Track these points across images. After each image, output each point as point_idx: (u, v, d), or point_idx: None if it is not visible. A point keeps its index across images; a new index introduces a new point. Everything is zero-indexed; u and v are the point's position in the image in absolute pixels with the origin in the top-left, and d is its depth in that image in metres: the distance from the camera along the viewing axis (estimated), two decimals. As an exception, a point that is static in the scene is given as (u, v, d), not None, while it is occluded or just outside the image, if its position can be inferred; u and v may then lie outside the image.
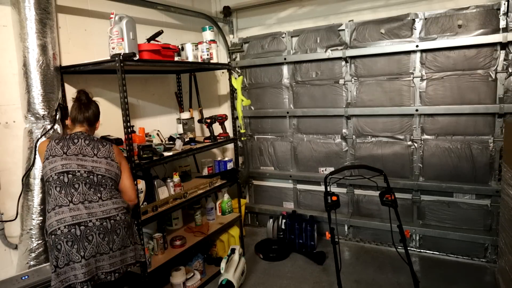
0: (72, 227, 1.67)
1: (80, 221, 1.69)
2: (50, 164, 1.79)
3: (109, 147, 1.95)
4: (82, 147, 1.87)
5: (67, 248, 1.64)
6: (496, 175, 2.95)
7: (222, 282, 2.67)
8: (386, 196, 2.51)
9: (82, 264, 1.64)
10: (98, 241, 1.71)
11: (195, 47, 2.91)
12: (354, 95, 3.42)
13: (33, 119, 2.12)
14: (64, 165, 1.78)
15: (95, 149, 1.89)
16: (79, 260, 1.64)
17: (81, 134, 1.91)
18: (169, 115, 3.36)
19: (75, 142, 1.87)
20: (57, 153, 1.81)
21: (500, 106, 2.83)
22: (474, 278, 2.82)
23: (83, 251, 1.66)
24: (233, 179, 3.26)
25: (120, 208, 1.85)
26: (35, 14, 2.06)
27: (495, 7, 2.79)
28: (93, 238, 1.69)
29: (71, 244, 1.65)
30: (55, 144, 1.84)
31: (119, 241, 1.78)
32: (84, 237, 1.67)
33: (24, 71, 2.09)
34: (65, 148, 1.83)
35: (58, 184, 1.75)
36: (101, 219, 1.74)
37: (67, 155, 1.82)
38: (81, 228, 1.68)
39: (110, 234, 1.75)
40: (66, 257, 1.64)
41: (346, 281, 2.82)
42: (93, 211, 1.74)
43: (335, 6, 3.44)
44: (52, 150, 1.82)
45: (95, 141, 1.92)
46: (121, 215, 1.83)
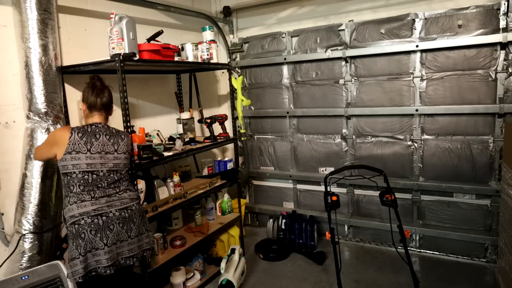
0: (95, 218, 1.80)
1: (101, 212, 1.82)
2: (73, 160, 1.80)
3: (127, 140, 2.01)
4: (104, 144, 1.89)
5: (90, 237, 1.77)
6: (496, 175, 2.95)
7: (222, 282, 2.67)
8: (386, 196, 2.51)
9: (105, 251, 1.79)
10: (118, 229, 1.85)
11: (195, 47, 2.91)
12: (354, 95, 3.42)
13: (36, 118, 2.12)
14: (89, 165, 1.83)
15: (116, 144, 1.93)
16: (103, 247, 1.79)
17: (102, 127, 1.92)
18: (169, 115, 3.36)
19: (97, 137, 1.87)
20: (81, 150, 1.82)
21: (500, 106, 2.84)
22: (474, 278, 2.82)
23: (106, 239, 1.80)
24: (233, 179, 3.26)
25: (135, 198, 1.98)
26: (37, 15, 2.06)
27: (495, 7, 2.79)
28: (114, 227, 1.84)
29: (94, 232, 1.78)
30: (79, 139, 1.82)
31: (135, 228, 1.93)
32: (106, 226, 1.81)
33: (27, 71, 2.09)
34: (89, 144, 1.84)
35: (82, 183, 1.83)
36: (119, 209, 1.88)
37: (91, 153, 1.84)
38: (103, 218, 1.82)
39: (128, 223, 1.90)
40: (89, 244, 1.77)
41: (346, 281, 2.82)
42: (113, 203, 1.87)
43: (335, 6, 3.44)
44: (76, 145, 1.81)
45: (114, 135, 1.95)
46: (136, 205, 1.97)
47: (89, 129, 1.88)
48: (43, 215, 2.11)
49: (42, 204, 2.10)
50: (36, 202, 2.09)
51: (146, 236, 2.00)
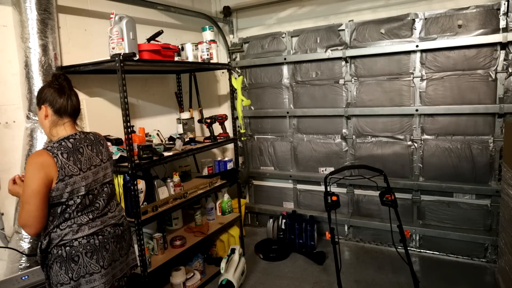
0: (91, 237, 1.57)
1: (97, 231, 1.60)
2: (67, 186, 1.51)
3: (105, 143, 1.79)
4: (90, 157, 1.63)
5: (86, 260, 1.55)
6: (496, 175, 2.95)
7: (222, 282, 2.67)
8: (386, 196, 2.51)
9: (102, 274, 1.58)
10: (113, 248, 1.66)
11: (195, 47, 2.91)
12: (354, 95, 3.42)
13: (36, 119, 2.12)
14: (86, 186, 1.57)
15: (99, 153, 1.69)
16: (99, 271, 1.57)
17: (79, 138, 1.62)
18: (169, 115, 3.36)
19: (81, 152, 1.59)
20: (74, 172, 1.53)
21: (500, 106, 2.84)
22: (474, 278, 2.82)
23: (102, 261, 1.59)
24: (233, 179, 3.26)
25: (122, 213, 1.81)
26: (37, 15, 2.06)
27: (495, 7, 2.79)
28: (109, 246, 1.64)
29: (90, 255, 1.56)
30: (66, 160, 1.51)
31: (126, 246, 1.77)
32: (102, 246, 1.60)
33: (26, 71, 2.10)
34: (78, 163, 1.56)
35: (80, 208, 1.56)
36: (113, 226, 1.69)
37: (83, 171, 1.57)
38: (99, 237, 1.60)
39: (120, 241, 1.72)
40: (83, 269, 1.54)
41: (346, 281, 2.82)
42: (105, 219, 1.66)
43: (335, 6, 3.44)
44: (66, 169, 1.51)
45: (94, 142, 1.68)
46: (124, 220, 1.80)
47: (69, 144, 1.56)
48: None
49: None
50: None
51: (132, 252, 1.84)
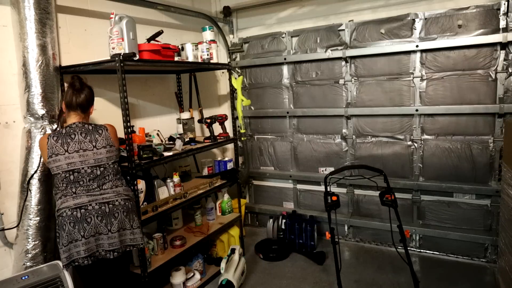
0: (74, 210, 1.86)
1: (80, 206, 1.88)
2: (54, 162, 1.89)
3: (105, 133, 2.02)
4: (81, 142, 1.93)
5: (70, 228, 1.85)
6: (496, 175, 2.95)
7: (222, 282, 2.67)
8: (386, 196, 2.51)
9: (82, 242, 1.85)
10: (96, 222, 1.90)
11: (195, 47, 2.91)
12: (354, 95, 3.42)
13: (32, 119, 2.12)
14: (69, 164, 1.90)
15: (93, 141, 1.96)
16: (80, 239, 1.85)
17: (76, 127, 1.96)
18: (169, 115, 3.36)
19: (72, 137, 1.93)
20: (59, 152, 1.89)
21: (500, 106, 2.83)
22: (474, 278, 2.82)
23: (83, 231, 1.86)
24: (233, 179, 3.26)
25: (122, 195, 2.00)
26: (35, 14, 2.06)
27: (495, 7, 2.79)
28: (92, 220, 1.89)
29: (73, 225, 1.85)
30: (54, 142, 1.90)
31: (117, 223, 1.94)
32: (83, 219, 1.87)
33: (24, 71, 2.09)
34: (65, 145, 1.90)
35: (65, 181, 1.90)
36: (100, 203, 1.92)
37: (69, 152, 1.90)
38: (82, 211, 1.87)
39: (108, 217, 1.92)
40: (69, 236, 1.84)
41: (346, 281, 2.82)
42: (94, 198, 1.92)
43: (335, 6, 3.44)
44: (54, 148, 1.89)
45: (90, 131, 1.97)
46: (120, 200, 1.98)
47: (63, 131, 1.94)
48: (45, 214, 2.11)
49: (44, 204, 2.10)
50: (36, 202, 2.09)
51: (131, 232, 2.01)
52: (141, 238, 2.05)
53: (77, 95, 1.97)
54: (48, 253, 2.13)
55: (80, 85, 2.00)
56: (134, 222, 2.03)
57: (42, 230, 2.10)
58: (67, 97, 1.98)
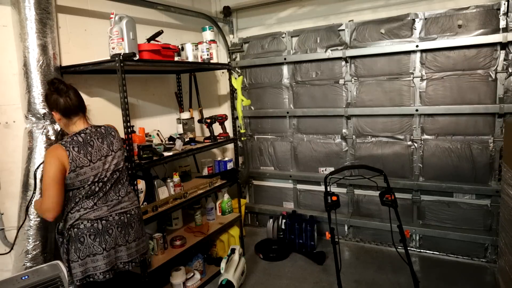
0: (94, 222, 1.78)
1: (101, 217, 1.80)
2: (79, 176, 1.73)
3: (117, 135, 1.96)
4: (100, 148, 1.83)
5: (89, 241, 1.76)
6: (496, 175, 2.95)
7: (222, 282, 2.67)
8: (386, 196, 2.51)
9: (104, 256, 1.78)
10: (117, 234, 1.84)
11: (195, 47, 2.91)
12: (354, 95, 3.42)
13: (33, 119, 2.12)
14: (95, 176, 1.79)
15: (110, 144, 1.88)
16: (101, 252, 1.78)
17: (91, 132, 1.83)
18: (169, 115, 3.36)
19: (92, 144, 1.80)
20: (84, 163, 1.75)
21: (500, 106, 2.83)
22: (474, 278, 2.82)
23: (105, 244, 1.79)
24: (233, 179, 3.26)
25: (134, 203, 1.98)
26: (35, 14, 2.06)
27: (495, 7, 2.79)
28: (113, 231, 1.82)
29: (93, 237, 1.76)
30: (77, 153, 1.73)
31: (134, 233, 1.92)
32: (105, 231, 1.80)
33: (25, 71, 2.09)
34: (88, 155, 1.77)
35: (89, 194, 1.79)
36: (119, 213, 1.87)
37: (93, 162, 1.79)
38: (103, 222, 1.80)
39: (126, 228, 1.88)
40: (88, 249, 1.75)
41: (346, 281, 2.82)
42: (114, 208, 1.86)
43: (335, 6, 3.44)
44: (77, 161, 1.73)
45: (105, 134, 1.88)
46: (135, 209, 1.96)
47: (80, 139, 1.77)
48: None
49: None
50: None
51: (143, 240, 2.00)
52: (147, 245, 2.06)
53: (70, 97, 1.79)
54: (48, 254, 2.13)
55: (65, 86, 1.81)
56: (143, 230, 2.02)
57: (42, 230, 2.09)
58: (60, 104, 1.77)
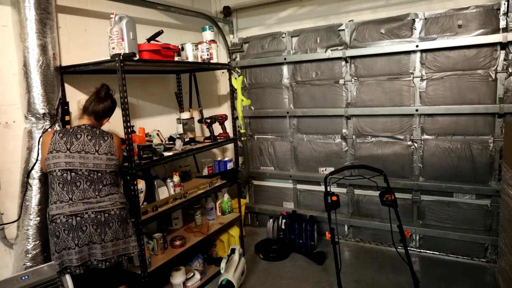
0: (69, 218, 1.85)
1: (77, 213, 1.86)
2: (53, 158, 1.88)
3: (110, 141, 2.02)
4: (85, 143, 1.93)
5: (64, 236, 1.84)
6: (496, 175, 2.95)
7: (222, 282, 2.67)
8: (386, 196, 2.51)
9: (76, 251, 1.84)
10: (91, 231, 1.88)
11: (195, 47, 2.91)
12: (354, 95, 3.42)
13: (33, 119, 2.12)
14: (67, 163, 1.88)
15: (97, 145, 1.96)
16: (74, 247, 1.84)
17: (85, 128, 1.96)
18: (169, 115, 3.36)
19: (78, 137, 1.92)
20: (61, 149, 1.88)
21: (500, 106, 2.83)
22: (474, 278, 2.82)
23: (77, 240, 1.85)
24: (233, 179, 3.26)
25: (116, 203, 1.98)
26: (35, 14, 2.06)
27: (495, 7, 2.79)
28: (87, 228, 1.87)
29: (67, 232, 1.84)
30: (59, 139, 1.90)
31: (111, 233, 1.93)
32: (79, 227, 1.85)
33: (24, 71, 2.09)
34: (68, 144, 1.90)
35: (61, 181, 1.88)
36: (96, 212, 1.90)
37: (71, 152, 1.89)
38: (77, 219, 1.86)
39: (102, 226, 1.91)
40: (63, 243, 1.84)
41: (346, 281, 2.82)
42: (90, 206, 1.90)
43: (335, 6, 3.44)
44: (56, 144, 1.89)
45: (97, 135, 1.98)
46: (116, 210, 1.97)
47: (71, 130, 1.95)
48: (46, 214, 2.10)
49: (44, 204, 2.10)
50: (37, 202, 2.09)
51: (124, 242, 1.99)
52: (133, 246, 2.04)
53: (96, 103, 2.01)
54: (48, 253, 2.12)
55: (105, 95, 2.04)
56: (126, 231, 2.02)
57: (42, 230, 2.09)
58: (87, 102, 2.02)
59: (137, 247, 2.07)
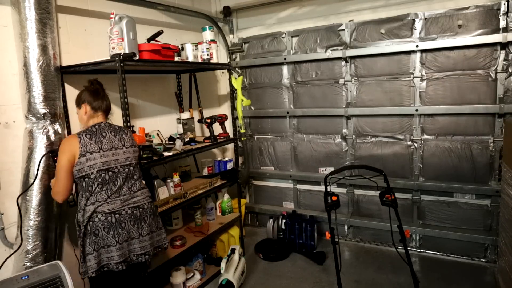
0: (108, 215, 1.85)
1: (115, 211, 1.87)
2: (88, 161, 1.85)
3: (130, 134, 2.07)
4: (112, 140, 1.95)
5: (103, 234, 1.83)
6: (496, 175, 2.95)
7: (222, 282, 2.67)
8: (386, 196, 2.51)
9: (117, 248, 1.85)
10: (129, 227, 1.91)
11: (195, 47, 2.91)
12: (354, 95, 3.42)
13: (34, 119, 2.11)
14: (104, 163, 1.89)
15: (122, 139, 1.99)
16: (115, 244, 1.85)
17: (105, 126, 1.98)
18: (169, 115, 3.36)
19: (104, 135, 1.93)
20: (94, 149, 1.87)
21: (500, 106, 2.83)
22: (474, 278, 2.82)
23: (118, 237, 1.86)
24: (233, 179, 3.26)
25: (147, 197, 2.03)
26: (35, 14, 2.06)
27: (495, 7, 2.79)
28: (126, 225, 1.89)
29: (107, 230, 1.84)
30: (88, 140, 1.87)
31: (147, 227, 1.97)
32: (118, 224, 1.87)
33: (25, 71, 2.09)
34: (99, 143, 1.90)
35: (100, 181, 1.87)
36: (132, 207, 1.93)
37: (103, 150, 1.90)
38: (116, 216, 1.87)
39: (139, 221, 1.94)
40: (102, 241, 1.83)
41: (346, 281, 2.82)
42: (126, 202, 1.92)
43: (335, 6, 3.44)
44: (88, 146, 1.86)
45: (117, 130, 2.00)
46: (148, 203, 2.02)
47: (94, 129, 1.93)
48: (46, 215, 2.11)
49: (44, 204, 2.10)
50: (37, 203, 2.09)
51: (158, 234, 2.04)
52: (164, 238, 2.09)
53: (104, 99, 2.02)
54: (48, 254, 2.13)
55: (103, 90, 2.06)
56: (158, 224, 2.06)
57: (43, 230, 2.10)
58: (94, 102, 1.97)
59: (167, 238, 2.11)
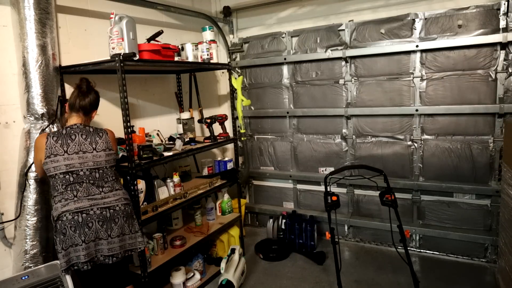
0: (75, 215, 1.84)
1: (82, 210, 1.86)
2: (52, 163, 1.85)
3: (106, 137, 2.01)
4: (81, 143, 1.92)
5: (70, 233, 1.83)
6: (496, 175, 2.95)
7: (222, 282, 2.67)
8: (386, 196, 2.51)
9: (83, 247, 1.84)
10: (97, 227, 1.88)
11: (195, 47, 2.91)
12: (354, 95, 3.42)
13: (32, 119, 2.12)
14: (67, 165, 1.87)
15: (93, 143, 1.95)
16: (81, 244, 1.84)
17: (77, 128, 1.94)
18: (169, 115, 3.36)
19: (72, 138, 1.91)
20: (58, 152, 1.86)
21: (500, 106, 2.83)
22: (474, 278, 2.82)
23: (84, 236, 1.84)
24: (233, 179, 3.26)
25: (121, 199, 1.99)
26: (35, 14, 2.06)
27: (495, 7, 2.79)
28: (93, 225, 1.87)
29: (74, 229, 1.83)
30: (54, 142, 1.87)
31: (117, 229, 1.94)
32: (84, 223, 1.86)
33: (23, 71, 2.09)
34: (65, 146, 1.88)
35: (64, 182, 1.87)
36: (101, 208, 1.91)
37: (68, 153, 1.88)
38: (83, 215, 1.86)
39: (108, 222, 1.91)
40: (69, 240, 1.83)
41: (346, 281, 2.82)
42: (95, 202, 1.91)
43: (335, 6, 3.44)
44: (53, 148, 1.86)
45: (91, 133, 1.97)
46: (121, 205, 1.97)
47: (64, 131, 1.92)
48: (43, 214, 2.11)
49: (41, 204, 2.10)
50: (34, 202, 2.09)
51: (130, 237, 2.00)
52: (140, 242, 2.04)
53: (81, 98, 1.96)
54: (47, 254, 2.13)
55: (87, 88, 1.99)
56: (132, 227, 2.02)
57: (40, 230, 2.10)
58: (71, 98, 1.97)
59: (144, 242, 2.08)
